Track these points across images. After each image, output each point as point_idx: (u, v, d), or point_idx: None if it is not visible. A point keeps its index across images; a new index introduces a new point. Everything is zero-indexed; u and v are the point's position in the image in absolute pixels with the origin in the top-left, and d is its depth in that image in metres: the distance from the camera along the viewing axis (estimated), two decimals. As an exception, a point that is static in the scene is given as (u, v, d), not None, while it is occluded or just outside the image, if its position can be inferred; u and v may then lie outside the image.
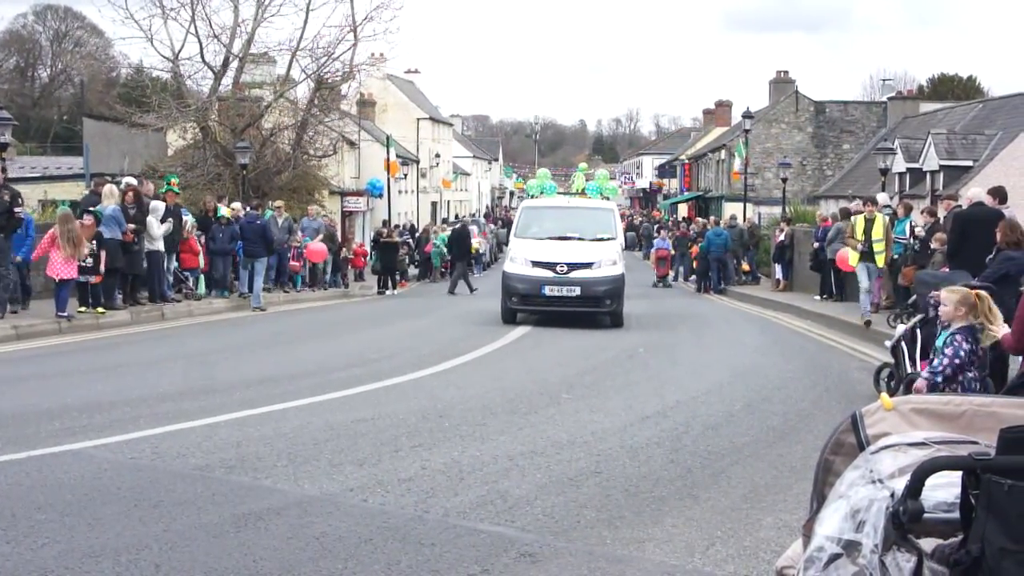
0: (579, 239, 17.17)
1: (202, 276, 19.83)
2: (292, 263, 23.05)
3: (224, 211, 19.28)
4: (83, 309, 15.20)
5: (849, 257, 16.53)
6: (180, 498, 5.77)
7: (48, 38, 64.47)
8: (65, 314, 14.48)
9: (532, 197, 19.88)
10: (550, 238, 17.17)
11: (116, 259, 15.85)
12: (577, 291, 16.36)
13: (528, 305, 16.74)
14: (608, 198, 19.98)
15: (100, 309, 15.40)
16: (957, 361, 6.90)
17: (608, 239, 17.30)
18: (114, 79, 57.42)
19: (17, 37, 63.00)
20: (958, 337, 6.96)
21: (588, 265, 16.54)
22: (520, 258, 16.99)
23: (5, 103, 26.52)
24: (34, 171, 30.97)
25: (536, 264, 16.65)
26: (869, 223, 15.82)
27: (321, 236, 23.78)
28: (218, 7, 50.81)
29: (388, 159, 38.79)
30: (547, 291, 16.44)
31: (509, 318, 16.87)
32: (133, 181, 18.28)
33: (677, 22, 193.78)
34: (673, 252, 31.35)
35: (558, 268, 16.46)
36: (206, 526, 5.25)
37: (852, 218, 17.13)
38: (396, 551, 4.95)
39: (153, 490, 5.92)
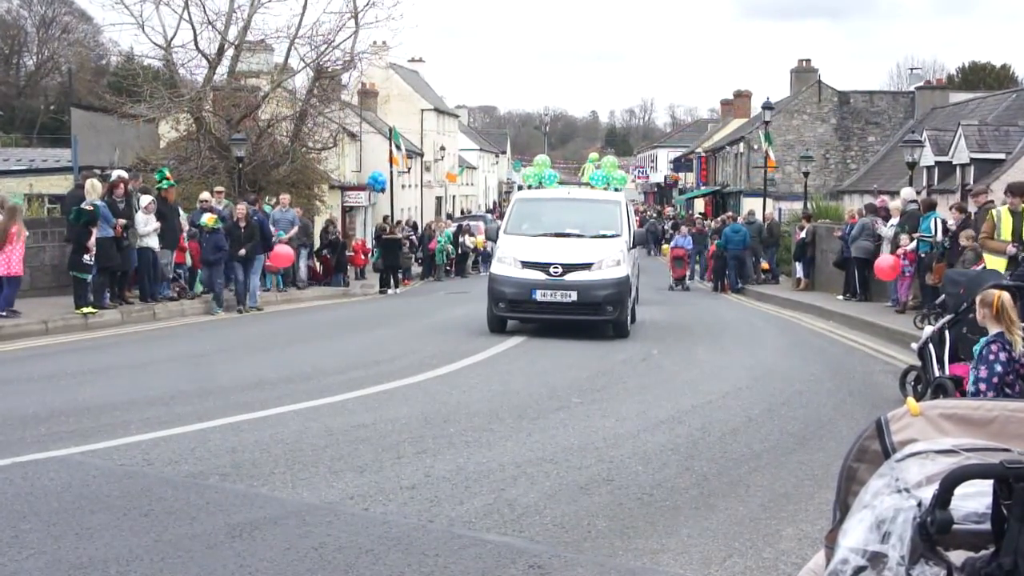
0: (578, 236, 15.37)
1: (199, 273, 19.47)
2: (267, 262, 21.41)
3: (205, 219, 17.71)
4: (87, 311, 14.96)
5: (989, 263, 12.67)
6: (172, 507, 5.70)
7: (34, 24, 62.91)
8: (3, 313, 14.10)
9: (529, 187, 17.89)
10: (544, 235, 15.43)
11: (111, 257, 15.59)
12: (573, 296, 14.59)
13: (517, 312, 15.01)
14: (617, 189, 17.86)
15: (89, 308, 15.13)
16: (996, 380, 6.67)
17: (613, 236, 15.47)
18: (103, 67, 56.90)
19: (1, 23, 61.71)
20: (993, 347, 6.73)
21: (587, 266, 14.72)
22: (509, 258, 15.10)
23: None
24: (19, 163, 30.76)
25: (526, 265, 14.81)
26: (1017, 217, 12.60)
27: (295, 230, 22.53)
28: (213, -8, 50.48)
29: (391, 152, 38.65)
30: (538, 296, 14.63)
31: (496, 326, 15.13)
32: (124, 174, 17.95)
33: (694, 8, 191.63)
34: (690, 250, 30.40)
35: (551, 269, 14.64)
36: (199, 536, 5.19)
37: (993, 211, 13.40)
38: (399, 562, 4.88)
39: (144, 498, 5.85)
